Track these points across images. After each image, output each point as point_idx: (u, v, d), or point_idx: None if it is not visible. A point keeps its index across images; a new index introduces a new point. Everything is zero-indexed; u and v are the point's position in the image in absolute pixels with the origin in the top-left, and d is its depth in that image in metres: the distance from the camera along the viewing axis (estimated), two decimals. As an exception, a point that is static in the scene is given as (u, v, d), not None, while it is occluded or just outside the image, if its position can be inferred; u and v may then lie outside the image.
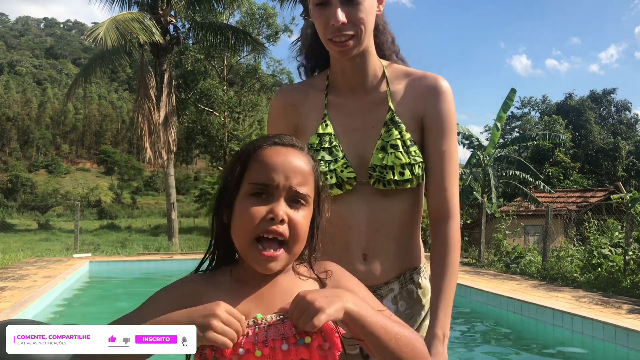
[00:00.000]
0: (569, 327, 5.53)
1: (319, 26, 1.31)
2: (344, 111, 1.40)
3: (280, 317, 0.90)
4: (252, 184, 0.93)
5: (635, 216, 7.77)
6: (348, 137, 1.37)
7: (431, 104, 1.35)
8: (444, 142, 1.34)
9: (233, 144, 28.79)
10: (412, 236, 1.40)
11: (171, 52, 17.65)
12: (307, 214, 0.96)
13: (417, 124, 1.36)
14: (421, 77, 1.39)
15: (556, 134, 21.10)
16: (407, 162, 1.31)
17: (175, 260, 11.87)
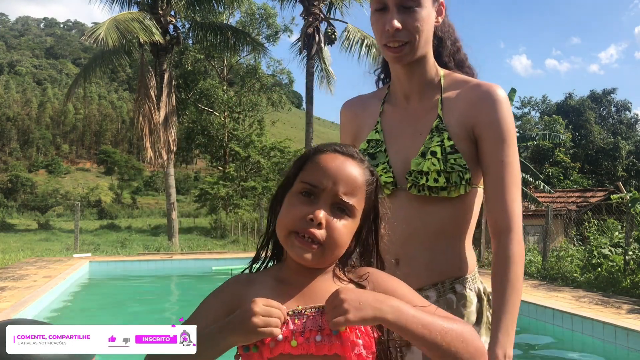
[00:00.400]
0: (569, 327, 5.53)
1: (375, 32, 1.36)
2: (396, 118, 1.43)
3: (319, 309, 0.93)
4: (303, 183, 0.97)
5: (635, 216, 7.77)
6: (396, 143, 1.39)
7: (484, 113, 1.33)
8: (502, 151, 1.31)
9: (233, 144, 28.77)
10: (454, 245, 1.36)
11: (171, 52, 17.66)
12: (349, 224, 0.97)
13: (466, 132, 1.34)
14: (475, 86, 1.37)
15: (556, 134, 21.09)
16: (443, 169, 1.29)
17: (175, 260, 11.87)
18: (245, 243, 16.72)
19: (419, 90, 1.41)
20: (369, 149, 1.41)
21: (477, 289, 1.36)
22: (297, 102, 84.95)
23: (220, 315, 0.96)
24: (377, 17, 1.33)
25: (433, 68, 1.41)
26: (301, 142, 22.50)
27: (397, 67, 1.40)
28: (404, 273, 1.30)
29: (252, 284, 1.00)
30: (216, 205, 28.31)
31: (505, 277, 1.25)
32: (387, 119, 1.44)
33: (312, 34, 17.84)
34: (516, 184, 1.32)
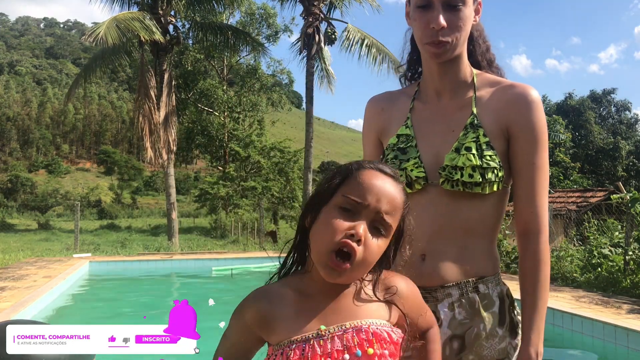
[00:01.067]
0: (569, 327, 5.53)
1: (417, 28, 1.35)
2: (427, 115, 1.43)
3: (342, 328, 0.94)
4: (345, 197, 0.97)
5: (635, 216, 7.77)
6: (428, 139, 1.39)
7: (518, 113, 1.33)
8: (534, 153, 1.31)
9: (233, 144, 28.77)
10: (481, 244, 1.35)
11: (171, 52, 17.65)
12: (382, 244, 0.99)
13: (501, 131, 1.34)
14: (510, 86, 1.37)
15: (556, 134, 21.10)
16: (479, 165, 1.29)
17: (175, 260, 11.86)
18: (245, 243, 16.71)
19: (451, 88, 1.41)
20: (399, 143, 1.41)
21: (500, 290, 1.35)
22: (297, 102, 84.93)
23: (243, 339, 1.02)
24: (421, 13, 1.32)
25: (467, 67, 1.42)
26: (301, 142, 22.50)
27: (432, 64, 1.40)
28: (429, 269, 1.32)
29: (273, 301, 1.00)
30: (216, 205, 28.30)
31: (536, 277, 1.28)
32: (418, 115, 1.44)
33: (312, 34, 17.83)
34: (546, 187, 1.34)
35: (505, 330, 1.32)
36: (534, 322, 1.25)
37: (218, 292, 9.07)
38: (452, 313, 1.31)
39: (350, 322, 0.96)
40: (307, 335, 0.94)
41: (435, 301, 1.31)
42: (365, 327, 0.95)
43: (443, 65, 1.38)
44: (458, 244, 1.32)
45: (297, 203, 25.30)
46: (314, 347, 0.92)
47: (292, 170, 27.14)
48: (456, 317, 1.31)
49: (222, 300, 8.14)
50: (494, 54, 1.51)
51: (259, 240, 16.57)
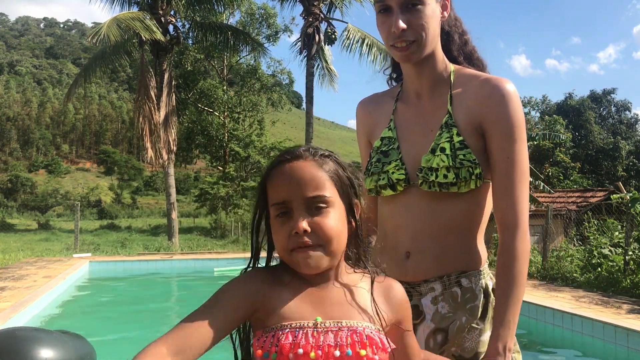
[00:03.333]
0: (569, 327, 5.53)
1: (382, 33, 1.36)
2: (408, 116, 1.44)
3: (338, 325, 0.95)
4: (273, 206, 0.99)
5: (635, 216, 7.77)
6: (409, 140, 1.40)
7: (491, 108, 1.32)
8: (509, 147, 1.30)
9: (233, 144, 28.76)
10: (464, 239, 1.36)
11: (171, 52, 17.65)
12: (334, 214, 0.98)
13: (474, 128, 1.34)
14: (484, 81, 1.36)
15: (556, 134, 21.08)
16: (452, 165, 1.30)
17: (175, 260, 11.87)
18: (245, 243, 16.71)
19: (429, 87, 1.41)
20: (382, 146, 1.43)
21: (485, 284, 1.36)
22: (297, 102, 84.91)
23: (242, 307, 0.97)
24: (382, 18, 1.33)
25: (442, 64, 1.41)
26: (301, 142, 22.48)
27: (406, 65, 1.41)
28: (413, 266, 1.35)
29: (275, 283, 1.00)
30: (216, 205, 28.30)
31: (508, 272, 1.26)
32: (400, 117, 1.45)
33: (312, 34, 17.84)
34: (523, 180, 1.32)
35: (487, 324, 1.33)
36: (504, 318, 1.23)
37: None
38: (435, 307, 1.33)
39: (347, 321, 0.96)
40: (302, 323, 0.94)
41: (419, 295, 1.34)
42: (360, 330, 0.95)
43: (417, 66, 1.38)
44: (440, 241, 1.34)
45: (297, 203, 25.27)
46: (307, 335, 0.92)
47: (292, 170, 27.11)
48: (439, 311, 1.33)
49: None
50: (474, 47, 1.50)
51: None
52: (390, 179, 1.37)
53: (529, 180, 1.31)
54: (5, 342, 0.81)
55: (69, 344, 1.66)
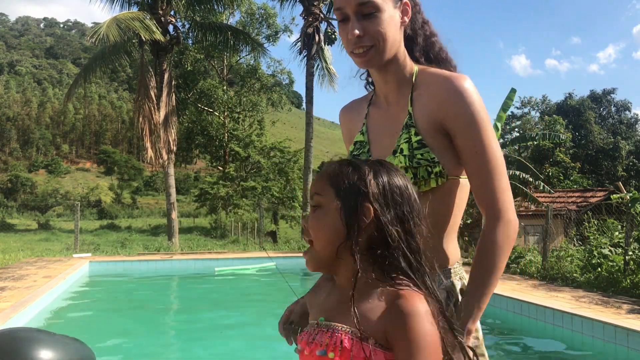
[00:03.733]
0: (569, 327, 5.53)
1: (343, 41, 1.41)
2: (378, 119, 1.49)
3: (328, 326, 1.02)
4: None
5: (635, 216, 7.77)
6: (379, 144, 1.46)
7: (450, 107, 1.33)
8: (475, 142, 1.31)
9: (233, 144, 28.77)
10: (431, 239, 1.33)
11: (171, 52, 17.65)
12: (319, 215, 1.04)
13: (436, 127, 1.36)
14: (442, 80, 1.38)
15: (556, 134, 21.08)
16: (409, 165, 1.33)
17: (175, 260, 11.86)
18: (245, 243, 16.72)
19: (395, 90, 1.45)
20: (354, 150, 1.50)
21: (451, 283, 1.36)
22: (297, 102, 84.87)
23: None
24: (341, 28, 1.38)
25: (406, 67, 1.44)
26: (301, 142, 22.50)
27: (372, 71, 1.46)
28: None
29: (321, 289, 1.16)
30: (216, 205, 28.31)
31: (482, 261, 1.28)
32: (371, 121, 1.51)
33: (312, 34, 17.84)
34: (498, 170, 1.32)
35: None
36: (468, 304, 1.25)
37: (221, 292, 9.08)
38: None
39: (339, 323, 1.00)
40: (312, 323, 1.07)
41: None
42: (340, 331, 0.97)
43: (380, 70, 1.43)
44: None
45: (297, 203, 25.30)
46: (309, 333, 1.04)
47: (292, 170, 27.13)
48: None
49: (225, 300, 8.03)
50: (442, 48, 1.51)
51: (259, 240, 16.57)
52: None
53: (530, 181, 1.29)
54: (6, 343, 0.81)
55: (70, 346, 1.66)
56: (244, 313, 7.26)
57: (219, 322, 6.64)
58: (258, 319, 6.82)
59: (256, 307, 7.77)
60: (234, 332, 6.14)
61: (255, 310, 7.54)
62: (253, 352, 5.33)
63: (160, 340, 5.81)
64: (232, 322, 6.65)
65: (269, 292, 9.00)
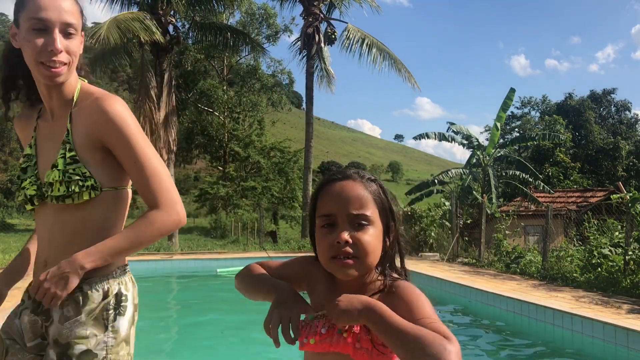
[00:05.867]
0: (569, 327, 5.53)
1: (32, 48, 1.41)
2: (45, 133, 1.56)
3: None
4: (320, 217, 1.16)
5: (635, 216, 7.77)
6: (44, 157, 1.53)
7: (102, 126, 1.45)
8: (130, 154, 1.46)
9: (233, 144, 28.76)
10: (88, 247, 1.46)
11: (171, 52, 17.65)
12: (372, 231, 1.12)
13: (93, 143, 1.47)
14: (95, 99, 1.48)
15: (556, 134, 21.09)
16: (62, 179, 1.43)
17: (175, 260, 11.87)
18: (245, 243, 16.72)
19: (60, 106, 1.52)
20: (23, 164, 1.56)
21: (107, 288, 1.49)
22: (297, 102, 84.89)
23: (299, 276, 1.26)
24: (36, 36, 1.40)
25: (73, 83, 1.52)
26: (301, 142, 22.51)
27: (41, 85, 1.50)
28: None
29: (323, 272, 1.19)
30: (216, 205, 28.31)
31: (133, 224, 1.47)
32: (39, 134, 1.57)
33: (312, 34, 17.85)
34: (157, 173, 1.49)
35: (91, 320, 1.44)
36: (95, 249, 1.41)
37: (221, 292, 9.07)
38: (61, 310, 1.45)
39: None
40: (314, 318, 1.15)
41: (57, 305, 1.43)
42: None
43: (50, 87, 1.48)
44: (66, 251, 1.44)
45: (297, 203, 25.28)
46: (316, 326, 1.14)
47: (292, 170, 27.12)
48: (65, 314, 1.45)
49: (225, 300, 8.01)
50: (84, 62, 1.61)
51: (259, 240, 16.58)
52: (26, 194, 1.51)
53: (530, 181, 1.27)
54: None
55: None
56: (244, 313, 7.26)
57: (219, 322, 6.64)
58: (258, 319, 6.82)
59: (256, 307, 7.76)
60: (234, 332, 6.14)
61: (255, 310, 7.54)
62: (253, 353, 5.33)
63: (160, 340, 5.81)
64: (233, 322, 6.65)
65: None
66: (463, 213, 13.64)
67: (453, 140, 18.61)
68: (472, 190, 17.43)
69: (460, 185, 17.49)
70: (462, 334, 5.99)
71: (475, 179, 17.62)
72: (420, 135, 18.49)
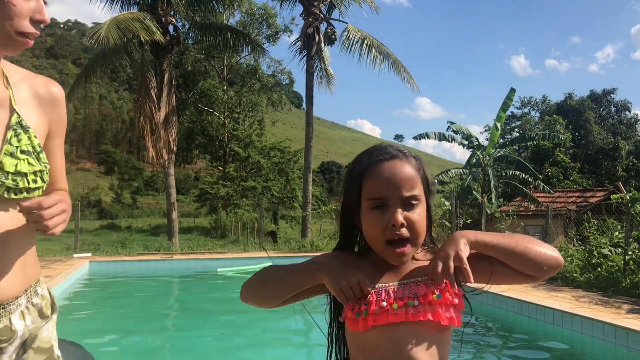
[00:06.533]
0: (569, 327, 5.53)
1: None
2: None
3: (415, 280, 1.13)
4: (370, 200, 1.13)
5: (635, 216, 7.77)
6: None
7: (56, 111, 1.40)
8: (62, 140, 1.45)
9: (233, 144, 28.76)
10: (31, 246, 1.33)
11: (171, 52, 17.64)
12: (421, 210, 1.14)
13: (44, 130, 1.37)
14: (42, 82, 1.42)
15: (556, 134, 21.09)
16: (40, 169, 1.28)
17: (175, 260, 11.87)
18: (245, 243, 16.72)
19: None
20: None
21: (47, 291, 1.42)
22: (297, 102, 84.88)
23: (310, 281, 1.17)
24: None
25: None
26: (301, 142, 22.50)
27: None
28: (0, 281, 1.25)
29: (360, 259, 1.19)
30: (216, 205, 28.32)
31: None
32: None
33: (312, 34, 17.84)
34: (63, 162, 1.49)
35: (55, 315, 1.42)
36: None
37: (221, 292, 9.08)
38: (22, 322, 1.30)
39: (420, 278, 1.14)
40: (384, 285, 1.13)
41: (9, 314, 1.27)
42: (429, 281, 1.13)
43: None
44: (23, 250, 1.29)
45: (297, 203, 25.28)
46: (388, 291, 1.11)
47: (292, 170, 27.12)
48: (28, 325, 1.32)
49: (225, 300, 8.01)
50: None
51: (259, 240, 16.57)
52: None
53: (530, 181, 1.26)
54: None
55: (70, 351, 1.68)
56: (245, 314, 7.26)
57: (219, 323, 6.64)
58: (258, 319, 6.82)
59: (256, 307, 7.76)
60: (234, 332, 6.15)
61: (255, 310, 7.53)
62: (253, 353, 5.34)
63: (160, 340, 5.81)
64: (233, 323, 6.65)
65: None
66: (463, 213, 13.65)
67: (453, 140, 18.61)
68: (472, 190, 17.44)
69: (460, 185, 17.49)
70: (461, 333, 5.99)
71: (475, 179, 17.62)
72: (420, 135, 18.50)
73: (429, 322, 1.09)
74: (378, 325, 1.09)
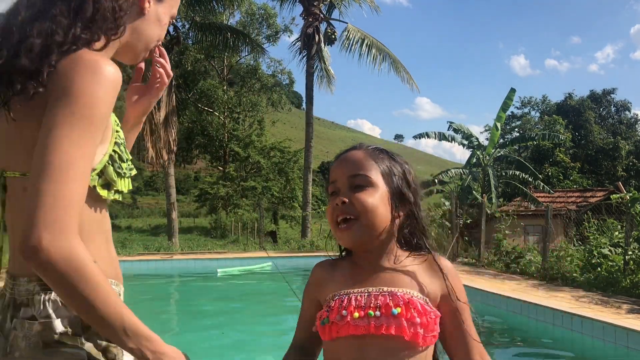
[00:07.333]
0: (569, 327, 5.53)
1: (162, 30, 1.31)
2: None
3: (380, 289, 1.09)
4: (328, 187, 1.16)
5: (635, 216, 7.77)
6: None
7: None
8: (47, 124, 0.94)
9: (233, 144, 28.76)
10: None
11: (171, 52, 17.62)
12: (371, 191, 1.10)
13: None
14: None
15: (556, 134, 21.09)
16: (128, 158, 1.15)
17: (175, 260, 11.87)
18: (245, 243, 16.71)
19: None
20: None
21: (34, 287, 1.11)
22: (297, 102, 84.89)
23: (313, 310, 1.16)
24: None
25: None
26: (301, 142, 22.51)
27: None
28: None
29: (335, 269, 1.18)
30: (216, 205, 28.33)
31: None
32: None
33: (312, 34, 17.84)
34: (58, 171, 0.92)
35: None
36: None
37: (221, 292, 9.08)
38: None
39: (389, 287, 1.08)
40: (349, 291, 1.09)
41: None
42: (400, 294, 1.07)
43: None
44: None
45: (297, 203, 25.29)
46: (350, 299, 1.06)
47: (292, 170, 27.13)
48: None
49: (225, 300, 7.98)
50: None
51: (259, 240, 16.58)
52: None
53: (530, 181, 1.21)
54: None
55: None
56: (245, 313, 7.26)
57: (219, 322, 6.64)
58: (258, 319, 6.83)
59: (256, 307, 7.77)
60: (234, 332, 6.15)
61: (255, 310, 7.54)
62: (253, 353, 5.34)
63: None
64: (233, 323, 6.66)
65: (268, 292, 9.01)
66: (463, 213, 13.64)
67: (453, 140, 18.61)
68: (472, 190, 17.43)
69: (460, 185, 17.49)
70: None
71: (475, 179, 17.62)
72: (420, 134, 18.49)
73: (398, 337, 1.02)
74: (342, 336, 1.05)
